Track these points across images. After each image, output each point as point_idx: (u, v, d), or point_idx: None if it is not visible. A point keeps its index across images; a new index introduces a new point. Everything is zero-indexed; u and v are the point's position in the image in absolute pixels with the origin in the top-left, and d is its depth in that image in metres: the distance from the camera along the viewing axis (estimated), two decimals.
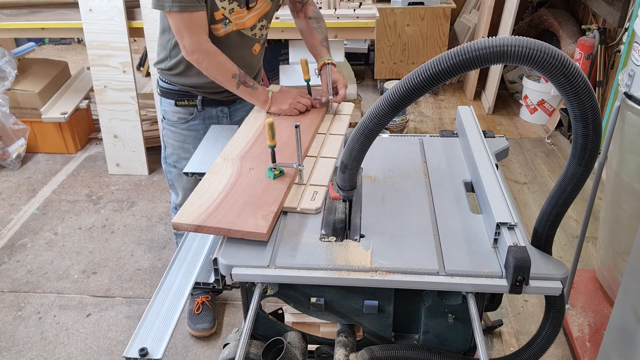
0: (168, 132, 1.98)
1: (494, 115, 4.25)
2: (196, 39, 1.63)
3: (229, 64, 1.69)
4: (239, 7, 1.71)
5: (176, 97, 1.89)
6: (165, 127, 1.99)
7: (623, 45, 3.06)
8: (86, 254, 2.78)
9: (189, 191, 2.02)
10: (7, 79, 3.51)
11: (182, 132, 1.95)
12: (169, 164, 2.03)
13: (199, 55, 1.65)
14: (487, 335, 2.20)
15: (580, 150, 1.01)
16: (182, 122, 1.93)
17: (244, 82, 1.71)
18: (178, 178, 2.04)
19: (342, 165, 1.17)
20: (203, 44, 1.64)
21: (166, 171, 2.07)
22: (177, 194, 2.11)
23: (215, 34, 1.72)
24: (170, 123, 1.95)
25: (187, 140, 1.96)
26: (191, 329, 2.27)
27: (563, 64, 0.89)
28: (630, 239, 1.86)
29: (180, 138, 1.96)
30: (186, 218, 1.27)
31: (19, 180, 3.47)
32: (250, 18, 1.77)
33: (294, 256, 1.19)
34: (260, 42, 1.89)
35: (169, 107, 1.93)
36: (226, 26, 1.72)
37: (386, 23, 4.32)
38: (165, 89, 1.92)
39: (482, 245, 1.20)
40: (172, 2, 1.56)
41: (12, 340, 2.27)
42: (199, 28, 1.63)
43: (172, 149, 2.00)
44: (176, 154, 2.00)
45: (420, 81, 0.96)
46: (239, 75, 1.70)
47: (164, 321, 1.18)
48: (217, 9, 1.67)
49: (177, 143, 1.98)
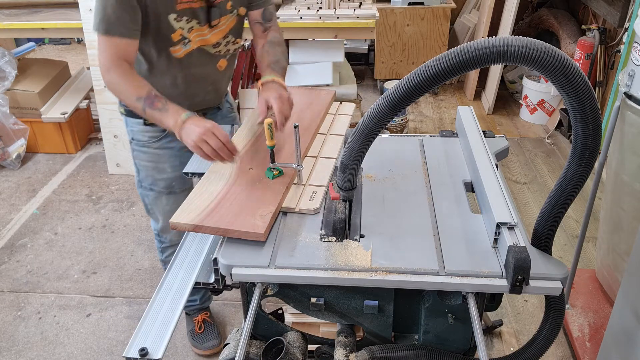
0: (139, 154, 1.83)
1: (494, 115, 4.26)
2: (108, 63, 1.50)
3: (139, 85, 1.51)
4: (199, 25, 1.61)
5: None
6: (135, 148, 1.84)
7: (623, 45, 3.06)
8: (86, 254, 2.78)
9: (169, 214, 1.85)
10: (7, 79, 3.51)
11: (156, 152, 1.81)
12: (145, 187, 1.89)
13: (107, 76, 1.52)
14: (487, 335, 2.20)
15: (580, 150, 1.01)
16: (155, 141, 1.79)
17: (150, 104, 1.49)
18: (156, 202, 1.91)
19: (342, 165, 1.17)
20: (114, 68, 1.50)
21: (142, 196, 1.93)
22: (157, 220, 1.98)
23: (175, 55, 1.63)
24: (140, 144, 1.81)
25: (162, 160, 1.82)
26: (199, 349, 2.19)
27: (563, 64, 0.89)
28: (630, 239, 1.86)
29: (154, 158, 1.82)
30: (184, 218, 1.27)
31: (19, 180, 3.47)
32: (213, 35, 1.67)
33: (294, 256, 1.19)
34: (226, 58, 1.77)
35: (137, 127, 1.78)
36: (186, 46, 1.63)
37: (386, 23, 4.32)
38: (130, 109, 1.71)
39: (482, 245, 1.20)
40: (99, 22, 1.48)
41: (12, 340, 2.27)
42: (121, 54, 1.50)
43: (146, 171, 1.85)
44: (151, 177, 1.86)
45: (420, 81, 0.96)
46: (144, 98, 1.49)
47: (164, 321, 1.18)
48: (174, 31, 1.58)
49: (150, 164, 1.84)
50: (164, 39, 1.59)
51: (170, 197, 1.88)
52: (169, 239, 2.02)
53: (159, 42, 1.59)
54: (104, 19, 1.47)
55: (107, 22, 1.47)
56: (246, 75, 3.73)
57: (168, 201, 1.89)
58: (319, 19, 2.99)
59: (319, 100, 1.83)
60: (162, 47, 1.60)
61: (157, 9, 1.52)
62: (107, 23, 1.47)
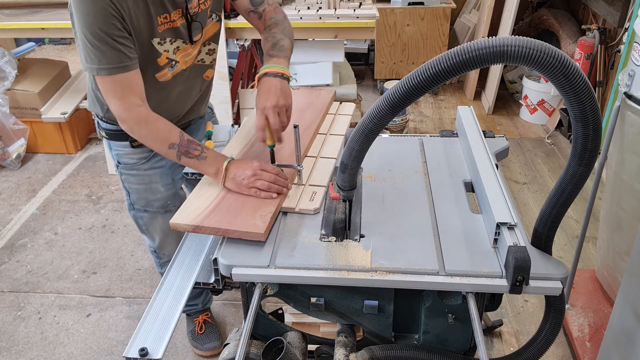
0: (128, 177, 1.71)
1: (494, 115, 4.26)
2: (126, 103, 1.37)
3: (166, 130, 1.40)
4: (184, 44, 1.50)
5: (131, 138, 1.57)
6: (123, 172, 1.71)
7: (623, 45, 3.06)
8: (86, 254, 2.78)
9: (167, 231, 1.84)
10: (7, 79, 3.51)
11: (146, 173, 1.70)
12: (138, 209, 1.79)
13: (129, 124, 1.40)
14: (487, 335, 2.20)
15: (580, 150, 1.01)
16: (144, 162, 1.67)
17: (185, 152, 1.39)
18: (152, 222, 1.82)
19: (342, 165, 1.17)
20: (134, 108, 1.38)
21: (136, 217, 1.83)
22: (153, 239, 1.89)
23: (162, 80, 1.52)
24: (128, 167, 1.69)
25: (154, 180, 1.72)
26: (199, 350, 2.18)
27: (563, 64, 0.89)
28: (630, 239, 1.86)
29: (145, 180, 1.71)
30: (184, 218, 1.27)
31: (19, 180, 3.47)
32: (194, 48, 1.56)
33: (294, 256, 1.19)
34: (212, 67, 1.68)
35: (123, 150, 1.65)
36: (173, 68, 1.52)
37: (386, 23, 4.32)
38: (113, 131, 1.62)
39: (482, 245, 1.20)
40: (99, 64, 1.32)
41: (12, 340, 2.27)
42: (129, 90, 1.37)
43: (138, 193, 1.74)
44: (144, 198, 1.75)
45: (420, 81, 0.96)
46: (178, 144, 1.39)
47: (164, 321, 1.18)
48: (160, 55, 1.46)
49: (142, 187, 1.73)
50: (149, 67, 1.46)
51: (167, 215, 1.78)
52: (167, 254, 1.95)
53: (143, 71, 1.43)
54: (103, 59, 1.32)
55: (108, 61, 1.32)
56: (246, 75, 3.73)
57: (164, 219, 1.80)
58: (319, 19, 2.99)
59: (319, 100, 1.83)
60: (146, 75, 1.45)
61: (140, 37, 1.39)
62: (109, 62, 1.32)
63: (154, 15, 1.39)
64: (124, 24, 1.32)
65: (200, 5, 1.49)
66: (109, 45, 1.31)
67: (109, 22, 1.29)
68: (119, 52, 1.32)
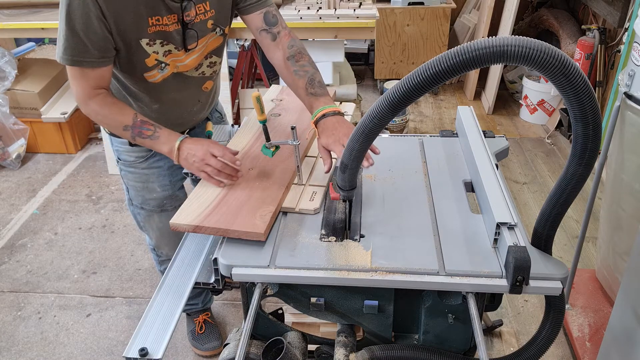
0: (127, 174, 1.76)
1: (494, 115, 4.25)
2: (85, 90, 1.41)
3: (119, 113, 1.45)
4: (177, 50, 1.50)
5: None
6: (122, 168, 1.75)
7: (623, 45, 3.06)
8: (86, 254, 2.78)
9: (163, 230, 1.85)
10: (7, 79, 3.51)
11: (144, 172, 1.73)
12: (135, 206, 1.83)
13: (86, 109, 1.46)
14: (487, 335, 2.20)
15: (580, 150, 1.01)
16: (142, 161, 1.70)
17: (139, 132, 1.44)
18: (148, 220, 1.84)
19: (342, 165, 1.17)
20: (92, 95, 1.43)
21: (134, 213, 1.86)
22: (151, 236, 1.92)
23: (151, 81, 1.53)
24: (127, 164, 1.72)
25: (151, 180, 1.74)
26: (199, 349, 2.18)
27: (563, 64, 0.89)
28: (630, 239, 1.86)
29: (142, 179, 1.74)
30: (184, 218, 1.27)
31: (19, 180, 3.47)
32: (193, 59, 1.56)
33: (294, 256, 1.19)
34: (213, 79, 1.69)
35: (122, 147, 1.69)
36: (163, 70, 1.52)
37: (386, 23, 4.32)
38: None
39: (482, 245, 1.20)
40: (62, 53, 1.36)
41: (12, 340, 2.27)
42: (90, 82, 1.41)
43: (135, 191, 1.78)
44: (141, 196, 1.79)
45: (420, 81, 0.96)
46: (132, 126, 1.44)
47: (164, 321, 1.18)
48: (148, 56, 1.46)
49: (139, 184, 1.76)
50: (137, 65, 1.48)
51: (163, 214, 1.82)
52: (165, 253, 1.96)
53: (131, 68, 1.48)
54: (69, 49, 1.34)
55: (72, 52, 1.35)
56: (246, 75, 3.73)
57: (161, 218, 1.82)
58: (319, 19, 2.99)
59: None
60: (135, 73, 1.50)
61: (127, 36, 1.40)
62: (73, 54, 1.35)
63: (145, 15, 1.40)
64: (104, 22, 1.34)
65: (199, 16, 1.49)
66: (79, 38, 1.33)
67: (85, 16, 1.31)
68: (84, 47, 1.34)
